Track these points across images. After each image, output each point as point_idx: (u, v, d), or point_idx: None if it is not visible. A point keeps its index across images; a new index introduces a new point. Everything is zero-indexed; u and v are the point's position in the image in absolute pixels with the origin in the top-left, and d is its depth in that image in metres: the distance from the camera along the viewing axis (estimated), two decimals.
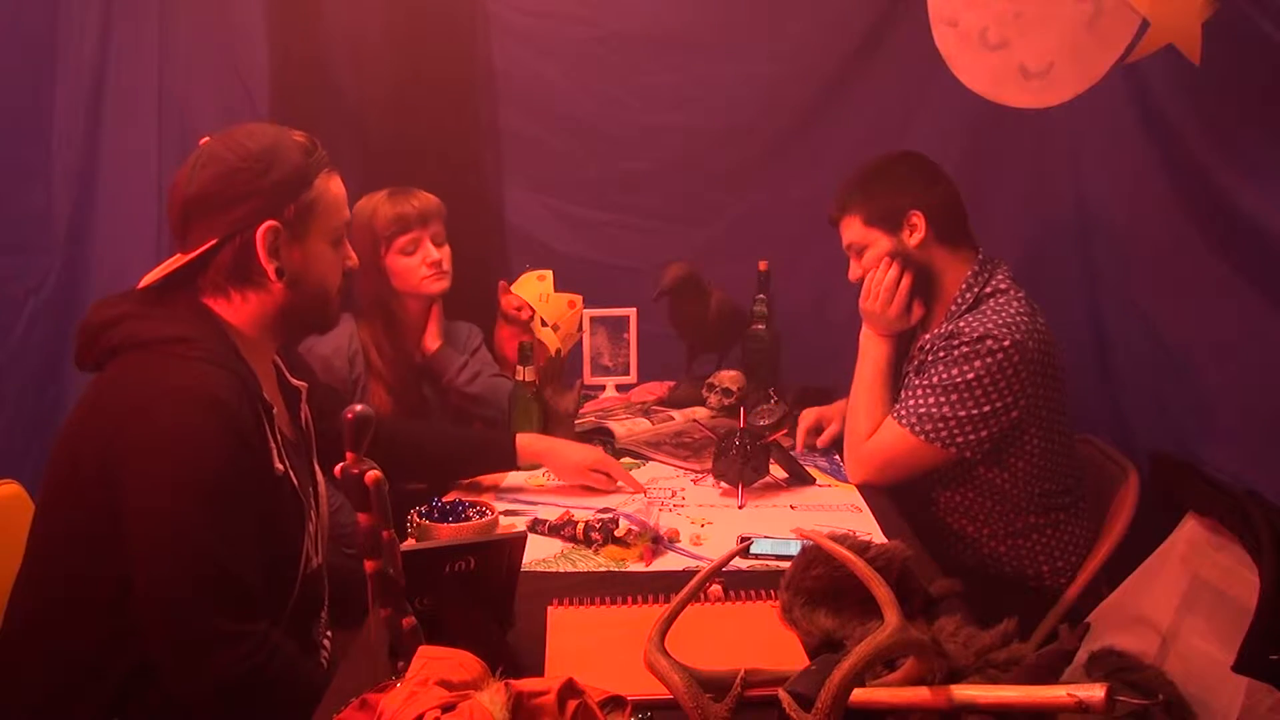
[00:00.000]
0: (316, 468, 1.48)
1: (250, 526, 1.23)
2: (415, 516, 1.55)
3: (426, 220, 2.09)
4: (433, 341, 2.14)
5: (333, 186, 1.37)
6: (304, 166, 1.32)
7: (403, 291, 2.11)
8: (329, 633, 1.50)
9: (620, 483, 1.83)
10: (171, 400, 1.19)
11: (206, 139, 1.32)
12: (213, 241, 1.28)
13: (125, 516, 1.17)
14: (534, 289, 2.22)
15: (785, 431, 1.98)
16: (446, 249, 2.13)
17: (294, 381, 1.47)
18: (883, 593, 0.95)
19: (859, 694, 0.97)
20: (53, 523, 1.26)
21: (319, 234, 1.36)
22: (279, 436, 1.32)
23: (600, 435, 2.11)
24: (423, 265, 2.08)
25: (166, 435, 1.18)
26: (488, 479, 1.86)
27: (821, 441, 2.09)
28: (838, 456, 2.02)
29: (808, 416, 2.13)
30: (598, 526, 1.56)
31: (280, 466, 1.30)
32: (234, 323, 1.32)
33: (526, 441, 1.83)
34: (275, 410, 1.33)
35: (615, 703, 0.95)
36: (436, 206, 2.11)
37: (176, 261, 1.30)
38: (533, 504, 1.76)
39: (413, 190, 2.10)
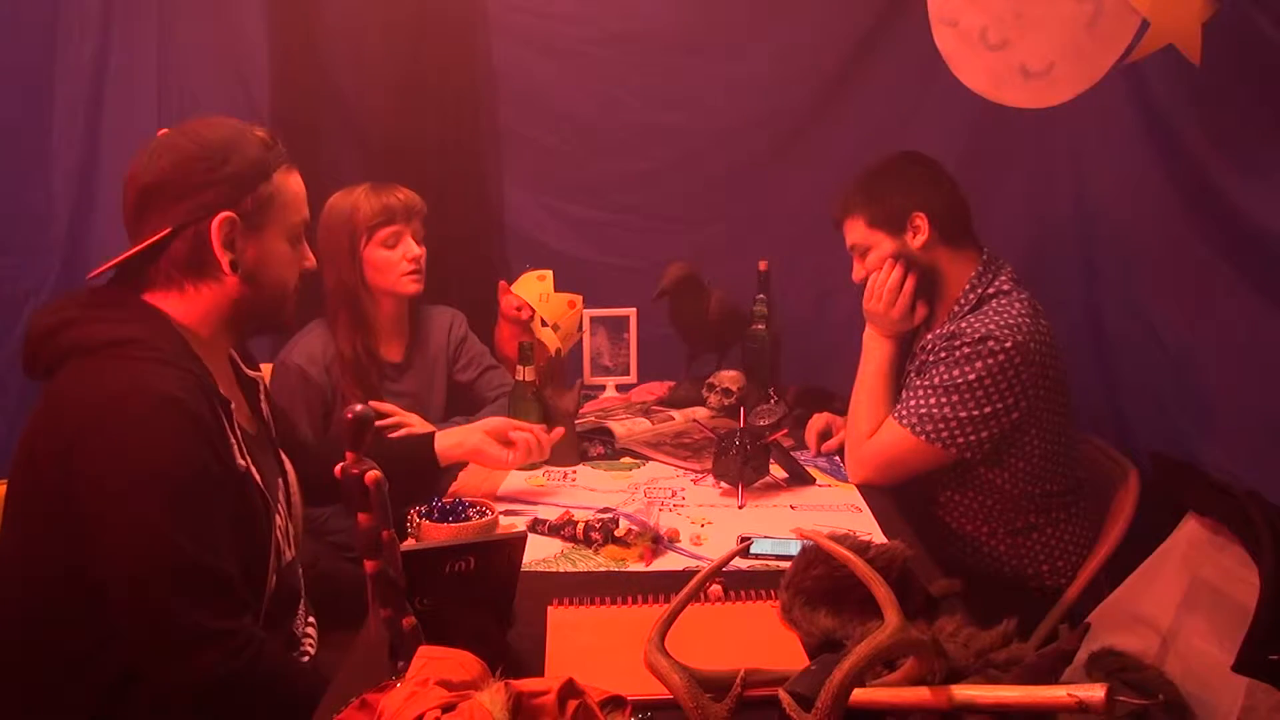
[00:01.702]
0: (285, 460, 1.47)
1: (221, 522, 1.21)
2: (415, 516, 1.55)
3: (410, 215, 2.05)
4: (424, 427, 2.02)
5: (291, 183, 1.34)
6: (263, 159, 1.30)
7: (377, 288, 2.06)
8: (312, 619, 1.50)
9: (525, 438, 1.80)
10: (125, 402, 1.16)
11: (164, 130, 1.30)
12: (166, 231, 1.25)
13: (91, 524, 1.15)
14: (534, 289, 2.22)
15: (785, 431, 1.98)
16: (423, 250, 2.09)
17: (250, 374, 1.45)
18: (883, 593, 0.95)
19: (859, 694, 0.97)
20: (19, 535, 1.24)
21: (276, 229, 1.33)
22: (239, 432, 1.30)
23: (600, 435, 2.11)
24: (403, 260, 2.04)
25: (123, 438, 1.15)
26: (487, 482, 1.86)
27: (828, 447, 2.09)
28: (838, 456, 2.02)
29: (818, 420, 2.12)
30: (598, 526, 1.56)
31: (242, 463, 1.27)
32: (184, 321, 1.29)
33: (444, 444, 1.78)
34: (233, 405, 1.31)
35: (615, 703, 0.95)
36: (419, 204, 2.08)
37: (124, 255, 1.27)
38: (533, 504, 1.76)
39: (394, 185, 2.07)
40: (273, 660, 1.23)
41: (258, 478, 1.31)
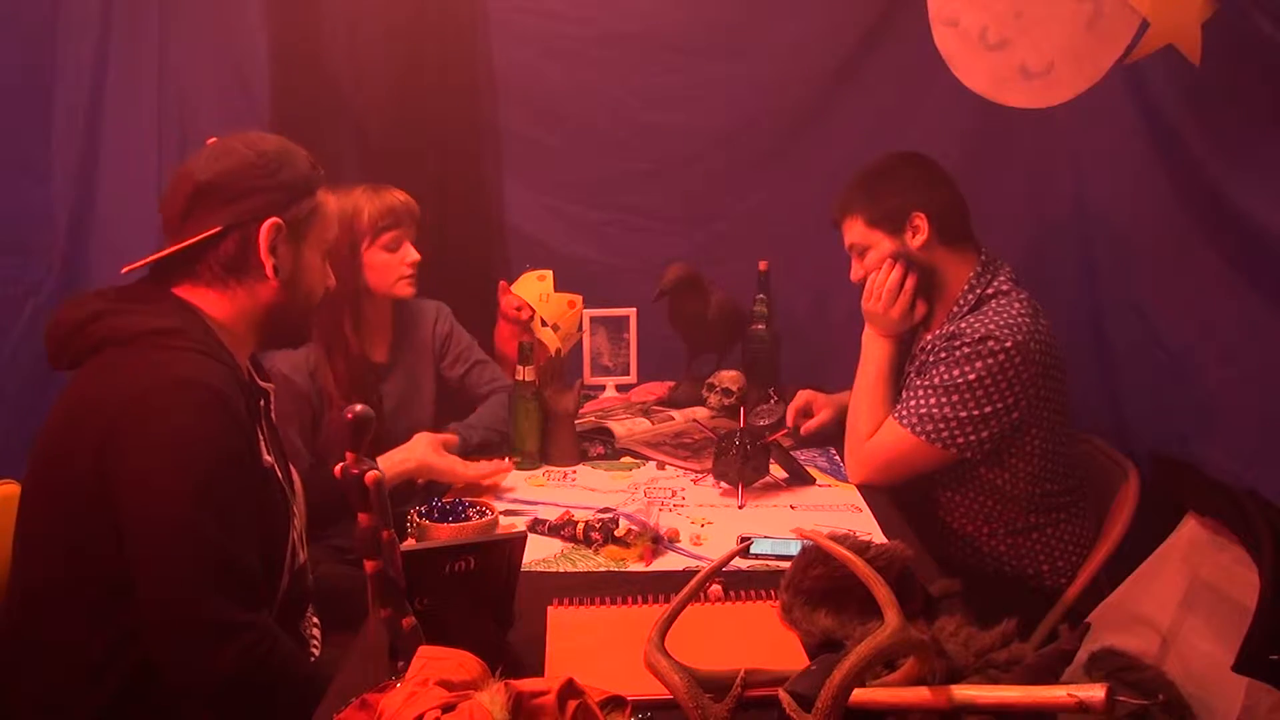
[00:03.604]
0: (291, 467, 1.48)
1: (249, 516, 1.23)
2: (415, 516, 1.55)
3: (412, 219, 2.06)
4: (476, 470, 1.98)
5: (330, 202, 1.43)
6: (311, 175, 1.38)
7: (375, 290, 2.05)
8: (317, 620, 1.50)
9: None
10: (168, 391, 1.19)
11: (215, 140, 1.34)
12: (217, 229, 1.29)
13: (125, 511, 1.17)
14: (534, 289, 2.22)
15: (785, 431, 1.98)
16: (419, 255, 2.08)
17: (262, 384, 1.47)
18: (883, 593, 0.95)
19: (859, 694, 0.97)
20: (44, 524, 1.24)
21: (314, 243, 1.40)
22: (263, 427, 1.33)
23: (600, 435, 2.11)
24: (402, 264, 2.04)
25: (165, 427, 1.18)
26: (487, 480, 1.85)
27: (807, 428, 2.09)
28: (838, 456, 2.02)
29: (799, 397, 2.14)
30: (598, 526, 1.57)
31: (268, 458, 1.31)
32: (217, 316, 1.33)
33: (388, 466, 1.73)
34: (262, 402, 1.35)
35: (615, 703, 0.95)
36: (417, 209, 2.08)
37: (171, 248, 1.30)
38: (533, 504, 1.76)
39: (391, 187, 2.05)
40: (285, 656, 1.23)
41: (280, 474, 1.34)
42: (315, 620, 1.51)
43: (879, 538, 1.58)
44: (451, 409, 2.20)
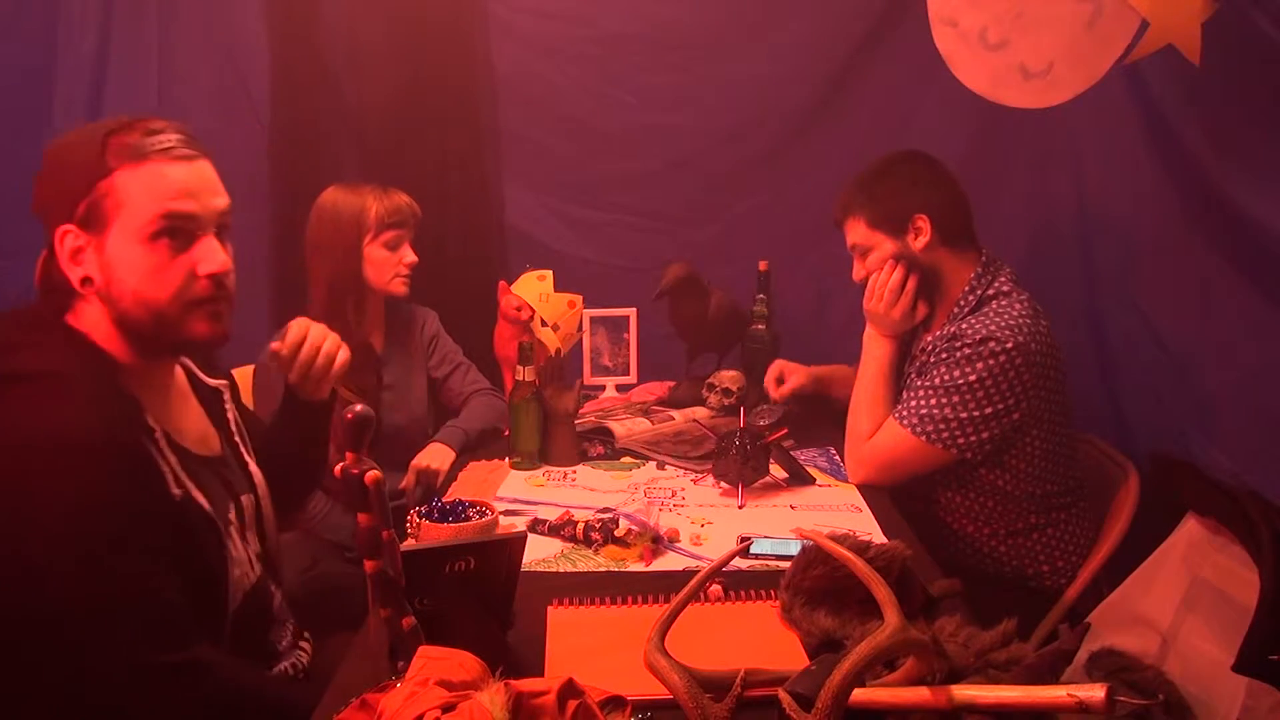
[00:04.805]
0: (253, 468, 1.42)
1: (148, 556, 1.15)
2: (415, 516, 1.54)
3: (415, 222, 2.12)
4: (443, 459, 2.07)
5: (144, 174, 1.16)
6: (96, 156, 1.15)
7: (371, 284, 2.09)
8: (306, 634, 1.48)
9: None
10: (30, 449, 1.10)
11: None
12: (45, 253, 1.21)
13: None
14: (534, 289, 2.22)
15: (785, 431, 1.98)
16: (416, 259, 2.14)
17: (212, 383, 1.39)
18: (883, 593, 0.95)
19: (859, 694, 0.97)
20: None
21: (122, 232, 1.17)
22: (171, 459, 1.22)
23: (600, 435, 2.11)
24: (400, 263, 2.09)
25: (31, 483, 1.10)
26: (486, 482, 1.85)
27: (780, 393, 2.17)
28: (838, 456, 2.02)
29: (774, 367, 2.22)
30: (598, 526, 1.57)
31: (178, 491, 1.20)
32: (101, 343, 1.21)
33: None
34: (173, 430, 1.24)
35: (615, 703, 0.96)
36: (419, 214, 2.14)
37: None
38: (533, 504, 1.76)
39: (396, 189, 2.11)
40: (235, 682, 1.20)
41: (203, 502, 1.24)
42: (304, 634, 1.47)
43: (879, 538, 1.58)
44: (438, 411, 2.23)
